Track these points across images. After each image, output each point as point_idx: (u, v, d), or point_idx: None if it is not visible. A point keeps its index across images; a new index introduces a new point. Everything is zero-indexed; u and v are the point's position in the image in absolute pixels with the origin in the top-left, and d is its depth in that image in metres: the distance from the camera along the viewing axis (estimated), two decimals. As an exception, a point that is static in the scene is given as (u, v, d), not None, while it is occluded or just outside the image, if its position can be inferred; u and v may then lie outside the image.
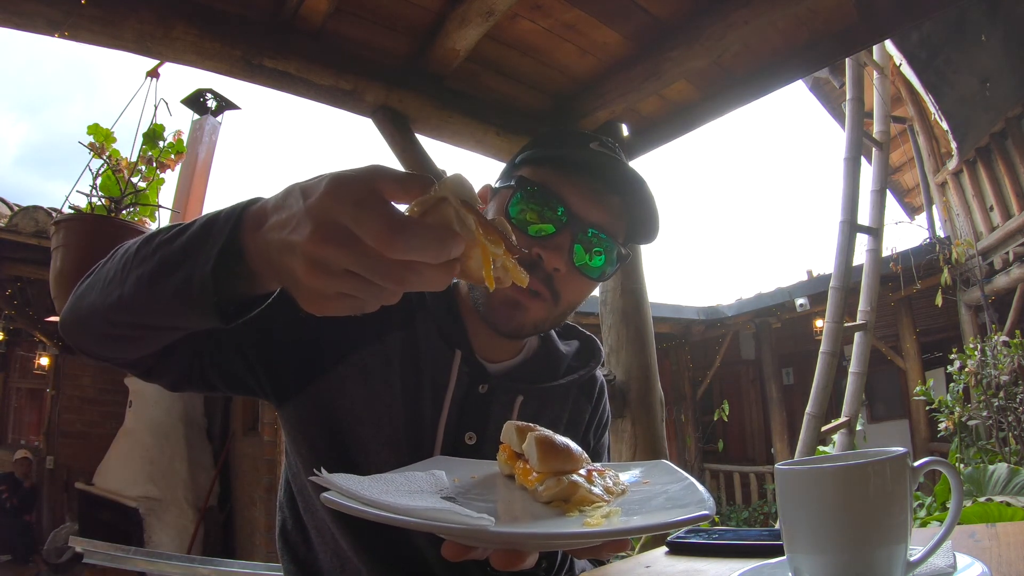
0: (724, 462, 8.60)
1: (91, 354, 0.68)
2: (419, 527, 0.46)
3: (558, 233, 0.80)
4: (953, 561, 0.51)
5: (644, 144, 2.52)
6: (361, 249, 0.41)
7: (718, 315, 8.42)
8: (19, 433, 7.42)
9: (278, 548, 0.90)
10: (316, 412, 0.81)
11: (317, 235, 0.42)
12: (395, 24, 1.89)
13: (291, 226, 0.44)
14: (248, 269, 0.51)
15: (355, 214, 0.41)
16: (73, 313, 0.65)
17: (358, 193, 0.42)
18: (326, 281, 0.42)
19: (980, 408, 4.29)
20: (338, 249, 0.41)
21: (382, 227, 0.40)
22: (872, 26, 1.96)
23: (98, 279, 0.62)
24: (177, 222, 0.62)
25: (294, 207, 0.45)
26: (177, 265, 0.53)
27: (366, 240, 0.41)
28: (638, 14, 1.90)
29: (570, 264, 0.80)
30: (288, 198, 0.47)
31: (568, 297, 0.83)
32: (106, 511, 5.59)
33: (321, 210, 0.42)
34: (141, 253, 0.58)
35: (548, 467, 0.58)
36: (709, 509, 0.50)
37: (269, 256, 0.47)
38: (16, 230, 3.66)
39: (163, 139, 1.92)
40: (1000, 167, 5.23)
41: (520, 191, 0.82)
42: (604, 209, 0.82)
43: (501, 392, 0.85)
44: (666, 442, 2.41)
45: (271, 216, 0.48)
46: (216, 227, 0.52)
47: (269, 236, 0.47)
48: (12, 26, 1.56)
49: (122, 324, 0.61)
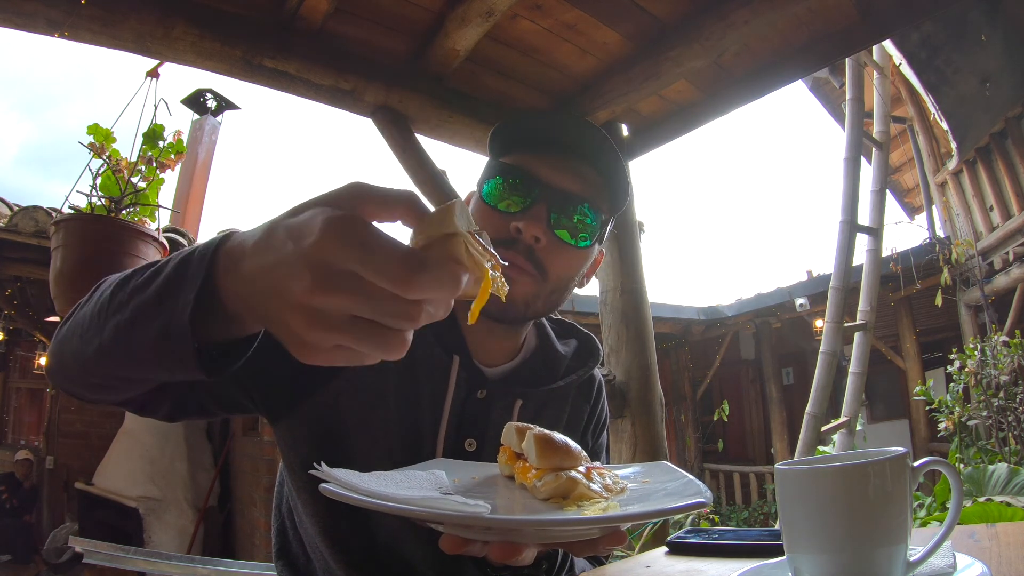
0: (724, 462, 8.59)
1: (81, 398, 0.65)
2: (415, 515, 0.47)
3: (534, 204, 0.80)
4: (953, 561, 0.51)
5: (644, 144, 2.53)
6: (369, 292, 0.38)
7: (718, 315, 8.42)
8: (19, 433, 7.42)
9: (275, 557, 0.88)
10: (310, 429, 0.79)
11: (319, 283, 0.37)
12: (395, 24, 1.89)
13: (282, 273, 0.39)
14: (226, 313, 0.47)
15: (363, 256, 0.37)
16: (57, 360, 0.61)
17: (357, 230, 0.38)
18: (325, 334, 0.39)
19: (980, 408, 4.29)
20: (345, 296, 0.38)
21: (399, 268, 0.37)
22: (872, 26, 1.96)
23: (77, 324, 0.58)
24: (153, 261, 0.57)
25: (283, 250, 0.40)
26: (153, 313, 0.49)
27: (381, 283, 0.37)
28: (638, 14, 1.90)
29: (549, 233, 0.80)
30: (271, 238, 0.41)
31: (555, 270, 0.81)
32: (106, 511, 5.58)
33: (320, 254, 0.37)
34: (117, 298, 0.53)
35: (547, 463, 0.59)
36: (706, 498, 0.51)
37: (252, 302, 0.43)
38: (16, 230, 3.65)
39: (163, 139, 1.92)
40: (1000, 167, 5.23)
41: (491, 176, 0.83)
42: (576, 176, 0.83)
43: (499, 397, 0.84)
44: (666, 442, 2.41)
45: (251, 258, 0.43)
46: (191, 268, 0.47)
47: (255, 283, 0.42)
48: (12, 26, 1.56)
49: (106, 376, 0.57)
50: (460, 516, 0.47)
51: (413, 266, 0.37)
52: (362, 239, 0.37)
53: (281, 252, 0.40)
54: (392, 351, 0.40)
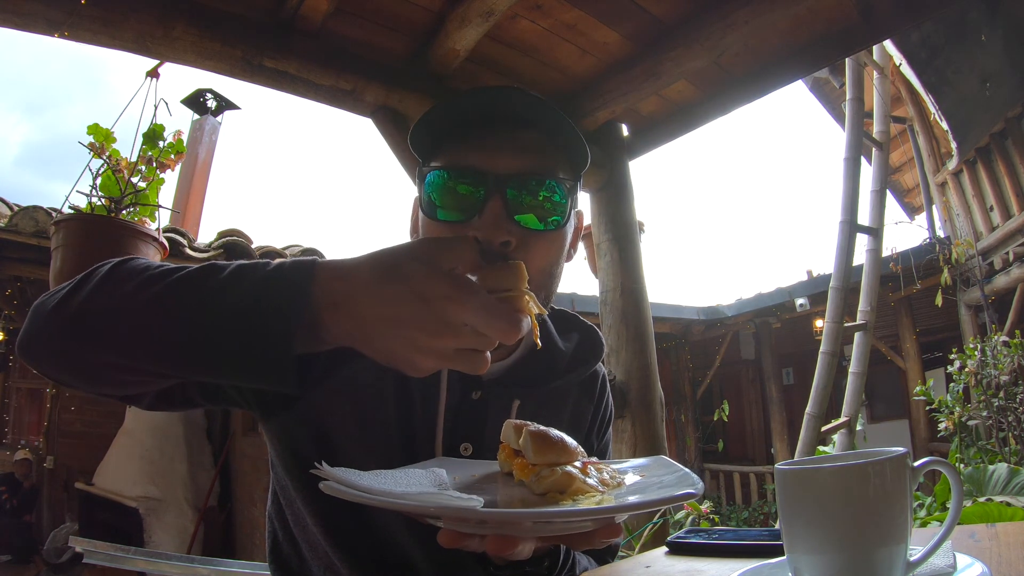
0: (724, 462, 8.59)
1: (53, 378, 0.62)
2: (411, 510, 0.48)
3: (486, 203, 0.70)
4: (953, 561, 0.51)
5: (644, 144, 2.53)
6: (480, 339, 0.51)
7: (718, 315, 8.42)
8: (19, 433, 7.41)
9: (268, 561, 0.86)
10: (303, 428, 0.77)
11: (447, 333, 0.50)
12: (395, 24, 1.89)
13: (413, 326, 0.50)
14: (321, 338, 0.54)
15: (480, 317, 0.50)
16: (42, 335, 0.59)
17: (472, 291, 0.50)
18: (437, 363, 0.52)
19: (980, 408, 4.29)
20: (463, 340, 0.51)
21: (507, 325, 0.51)
22: (872, 26, 1.96)
23: (108, 305, 0.56)
24: (214, 261, 0.59)
25: (410, 306, 0.50)
26: (243, 329, 0.52)
27: (493, 336, 0.51)
28: (638, 14, 1.90)
29: (516, 229, 0.70)
30: (386, 288, 0.51)
31: (536, 262, 0.72)
32: (106, 511, 5.59)
33: (447, 313, 0.49)
34: (188, 298, 0.54)
35: (542, 459, 0.59)
36: (696, 489, 0.51)
37: (367, 338, 0.52)
38: (16, 230, 3.65)
39: (163, 139, 1.92)
40: (1000, 167, 5.23)
41: (428, 185, 0.74)
42: (519, 150, 0.72)
43: (496, 397, 0.81)
44: (666, 442, 2.41)
45: (369, 305, 0.51)
46: (281, 295, 0.53)
47: (375, 325, 0.51)
48: (12, 26, 1.56)
49: (140, 369, 0.57)
50: (454, 509, 0.47)
51: (514, 323, 0.51)
52: (478, 301, 0.49)
53: (408, 307, 0.50)
54: (480, 368, 0.53)
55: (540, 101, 0.72)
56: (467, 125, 0.73)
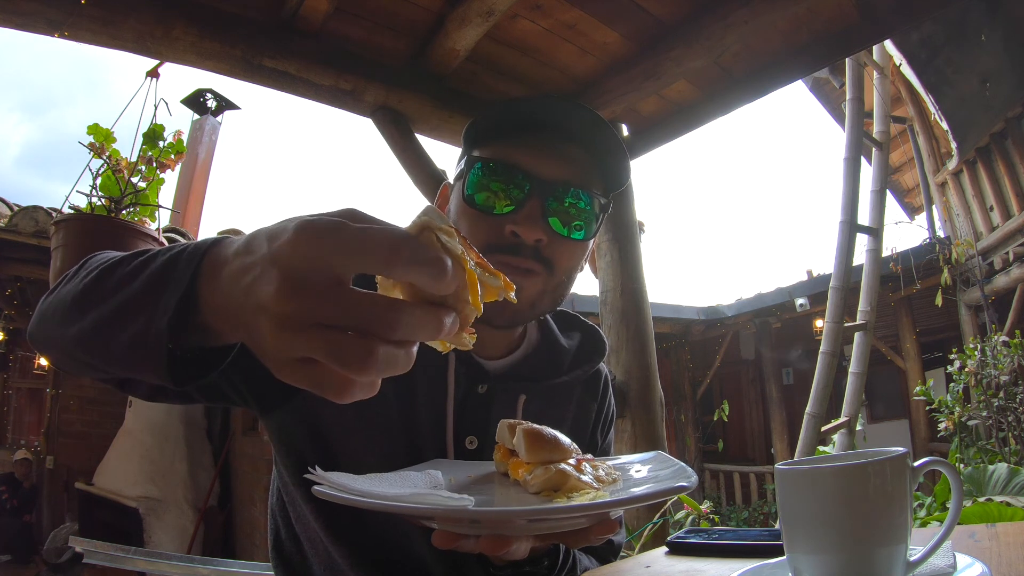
0: (724, 462, 8.59)
1: (60, 367, 0.62)
2: (402, 511, 0.48)
3: (527, 202, 0.75)
4: (953, 561, 0.51)
5: (644, 144, 2.52)
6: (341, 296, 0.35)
7: (718, 315, 8.42)
8: (19, 433, 7.41)
9: (271, 557, 0.86)
10: (302, 424, 0.77)
11: (288, 284, 0.34)
12: (395, 24, 1.89)
13: (253, 275, 0.37)
14: (197, 322, 0.44)
15: (337, 247, 0.35)
16: (40, 329, 0.59)
17: (337, 227, 0.35)
18: (293, 337, 0.35)
19: (980, 408, 4.29)
20: (314, 299, 0.34)
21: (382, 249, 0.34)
22: (872, 26, 1.96)
23: (60, 302, 0.55)
24: (145, 249, 0.54)
25: (257, 252, 0.38)
26: (135, 310, 0.46)
27: (362, 267, 0.35)
28: (638, 14, 1.90)
29: (550, 231, 0.76)
30: (250, 243, 0.39)
31: (562, 264, 0.78)
32: (106, 511, 5.59)
33: (293, 250, 0.35)
34: (103, 287, 0.51)
35: (536, 457, 0.59)
36: (689, 483, 0.51)
37: (226, 311, 0.41)
38: (16, 230, 3.66)
39: (163, 139, 1.92)
40: (1000, 167, 5.23)
41: (473, 173, 0.77)
42: (566, 162, 0.77)
43: (502, 392, 0.81)
44: (666, 442, 2.41)
45: (229, 264, 0.41)
46: (177, 270, 0.45)
47: (229, 289, 0.40)
48: (12, 26, 1.56)
49: (84, 359, 0.53)
50: (444, 510, 0.47)
51: (441, 268, 0.35)
52: (341, 236, 0.35)
53: (255, 255, 0.38)
54: (363, 369, 0.35)
55: (599, 121, 0.78)
56: (525, 127, 0.78)
